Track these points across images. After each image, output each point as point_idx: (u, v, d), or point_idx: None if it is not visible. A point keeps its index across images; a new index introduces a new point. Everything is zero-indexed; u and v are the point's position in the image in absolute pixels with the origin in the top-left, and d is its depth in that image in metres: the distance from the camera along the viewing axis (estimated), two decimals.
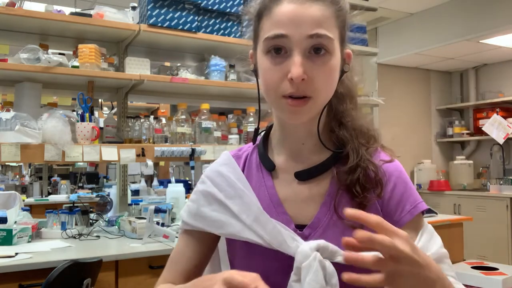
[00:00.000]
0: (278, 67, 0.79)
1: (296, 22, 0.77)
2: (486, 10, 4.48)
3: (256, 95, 0.93)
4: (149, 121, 2.66)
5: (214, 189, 0.91)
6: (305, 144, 0.89)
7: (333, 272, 0.76)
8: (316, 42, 0.77)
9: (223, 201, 0.88)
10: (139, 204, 2.68)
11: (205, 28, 2.73)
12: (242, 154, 0.97)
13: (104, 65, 2.53)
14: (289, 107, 0.79)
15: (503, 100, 5.38)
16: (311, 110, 0.81)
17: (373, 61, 3.65)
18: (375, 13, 4.41)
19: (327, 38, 0.78)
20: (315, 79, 0.78)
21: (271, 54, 0.80)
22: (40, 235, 2.27)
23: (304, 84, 0.77)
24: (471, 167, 5.62)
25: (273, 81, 0.80)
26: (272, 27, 0.79)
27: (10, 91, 2.89)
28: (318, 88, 0.78)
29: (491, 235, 4.81)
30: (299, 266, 0.76)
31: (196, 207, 0.92)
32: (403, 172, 0.89)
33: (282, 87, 0.79)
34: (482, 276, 2.51)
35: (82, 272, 1.75)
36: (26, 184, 5.40)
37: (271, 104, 0.84)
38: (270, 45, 0.79)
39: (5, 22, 2.38)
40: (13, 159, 2.15)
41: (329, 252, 0.77)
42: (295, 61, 0.76)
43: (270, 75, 0.80)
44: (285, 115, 0.82)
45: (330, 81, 0.81)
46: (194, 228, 0.91)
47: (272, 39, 0.78)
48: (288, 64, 0.77)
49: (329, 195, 0.85)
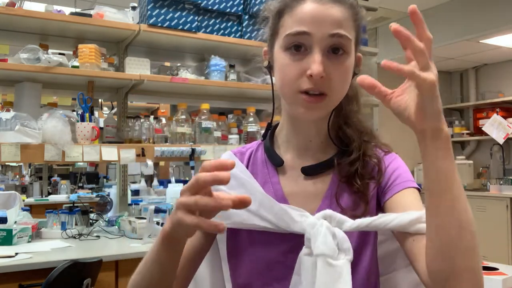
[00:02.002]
0: (297, 63, 0.81)
1: (319, 20, 0.80)
2: (486, 10, 4.48)
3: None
4: (149, 121, 2.66)
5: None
6: (312, 141, 0.91)
7: (344, 238, 0.77)
8: (336, 41, 0.80)
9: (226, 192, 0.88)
10: (139, 204, 2.68)
11: (205, 28, 2.73)
12: (246, 151, 0.98)
13: (104, 65, 2.53)
14: (305, 103, 0.81)
15: (503, 100, 5.38)
16: (325, 108, 0.84)
17: (373, 61, 3.65)
18: (375, 13, 4.41)
19: (346, 38, 0.81)
20: (332, 78, 0.80)
21: (291, 51, 0.82)
22: (40, 235, 2.27)
23: (321, 81, 0.79)
24: (471, 167, 5.62)
25: (291, 76, 0.81)
26: (294, 24, 0.81)
27: (10, 91, 2.89)
28: (334, 87, 0.81)
29: (491, 235, 4.81)
30: (309, 236, 0.77)
31: None
32: (398, 158, 0.92)
33: (299, 83, 0.81)
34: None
35: (82, 272, 1.75)
36: (26, 184, 5.40)
37: (286, 99, 0.86)
38: (291, 41, 0.81)
39: (5, 22, 2.38)
40: (13, 159, 2.15)
41: (337, 221, 0.78)
42: (316, 59, 0.79)
43: (289, 70, 0.82)
44: (300, 110, 0.84)
45: (345, 81, 0.84)
46: None
47: (294, 35, 0.81)
48: (307, 61, 0.80)
49: (330, 189, 0.88)
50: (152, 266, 0.78)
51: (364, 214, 0.83)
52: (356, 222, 0.77)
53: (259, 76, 2.87)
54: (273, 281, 0.85)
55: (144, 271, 0.79)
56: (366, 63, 3.77)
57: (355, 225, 0.77)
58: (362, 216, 0.80)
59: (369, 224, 0.77)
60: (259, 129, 2.79)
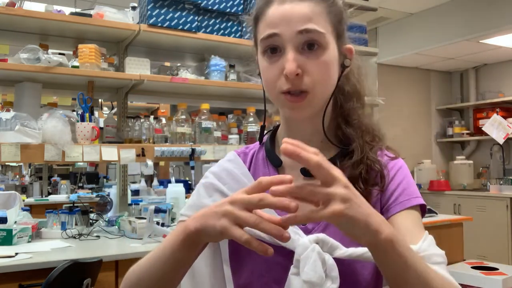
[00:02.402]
0: (274, 65, 0.82)
1: (286, 20, 0.80)
2: (486, 10, 4.48)
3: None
4: (149, 121, 2.66)
5: (216, 182, 0.92)
6: (311, 142, 0.88)
7: (333, 265, 0.76)
8: (307, 37, 0.80)
9: (226, 193, 0.89)
10: (139, 204, 2.68)
11: (205, 28, 2.73)
12: (249, 151, 0.99)
13: (104, 65, 2.53)
14: (288, 103, 0.82)
15: (503, 100, 5.38)
16: (310, 105, 0.83)
17: (373, 61, 3.65)
18: (375, 13, 4.41)
19: (317, 32, 0.80)
20: (309, 73, 0.80)
21: (267, 54, 0.83)
22: (40, 235, 2.27)
23: (299, 79, 0.80)
24: (471, 167, 5.62)
25: (270, 79, 0.83)
26: (266, 28, 0.83)
27: (10, 91, 2.89)
28: (313, 82, 0.81)
29: (491, 235, 4.81)
30: (298, 258, 0.77)
31: (196, 199, 0.93)
32: (404, 167, 0.90)
33: (279, 84, 0.82)
34: (482, 276, 2.51)
35: (82, 272, 1.75)
36: (26, 184, 5.40)
37: (273, 102, 0.87)
38: (265, 45, 0.83)
39: (5, 22, 2.38)
40: (13, 159, 2.15)
41: (329, 247, 0.78)
42: (288, 57, 0.79)
43: (268, 74, 0.84)
44: (286, 111, 0.85)
45: (326, 75, 0.82)
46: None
47: (266, 39, 0.82)
48: (282, 61, 0.81)
49: None
50: (165, 264, 0.76)
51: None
52: (348, 251, 0.77)
53: (259, 76, 2.86)
54: (272, 282, 0.84)
55: (152, 269, 0.77)
56: (366, 63, 3.78)
57: (347, 253, 0.77)
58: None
59: (362, 255, 0.76)
60: (259, 129, 2.78)
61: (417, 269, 0.69)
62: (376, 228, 0.65)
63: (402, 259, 0.68)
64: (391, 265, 0.68)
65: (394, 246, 0.67)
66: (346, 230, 0.65)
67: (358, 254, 0.77)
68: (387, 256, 0.67)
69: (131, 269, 0.82)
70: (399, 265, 0.68)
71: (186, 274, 0.83)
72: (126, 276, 0.82)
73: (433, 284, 0.70)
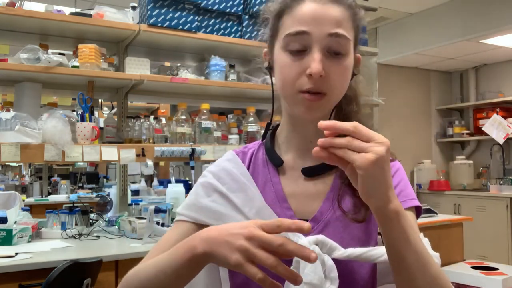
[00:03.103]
0: (297, 63, 0.81)
1: (318, 20, 0.80)
2: (486, 10, 4.48)
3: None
4: (149, 121, 2.66)
5: (215, 181, 0.91)
6: (313, 142, 0.89)
7: (332, 266, 0.77)
8: (335, 41, 0.81)
9: (225, 194, 0.89)
10: (139, 204, 2.68)
11: (205, 28, 2.73)
12: (247, 151, 0.98)
13: (104, 65, 2.53)
14: (306, 102, 0.82)
15: (503, 100, 5.38)
16: (325, 107, 0.84)
17: (373, 61, 3.65)
18: (375, 13, 4.42)
19: (345, 38, 0.81)
20: (331, 77, 0.81)
21: (290, 51, 0.82)
22: (40, 235, 2.27)
23: (321, 80, 0.80)
24: (471, 167, 5.62)
25: (291, 76, 0.82)
26: (294, 24, 0.82)
27: (10, 91, 2.89)
28: (333, 86, 0.82)
29: (491, 235, 4.81)
30: (298, 259, 0.77)
31: (194, 198, 0.92)
32: (401, 170, 0.91)
33: (299, 82, 0.81)
34: (482, 276, 2.51)
35: (82, 272, 1.75)
36: (26, 184, 5.40)
37: (286, 99, 0.86)
38: (291, 41, 0.82)
39: (5, 22, 2.38)
40: (13, 159, 2.15)
41: (328, 248, 0.78)
42: (315, 58, 0.79)
43: (289, 71, 0.82)
44: (300, 110, 0.84)
45: (344, 81, 0.84)
46: (189, 218, 0.89)
47: (294, 35, 0.81)
48: (307, 60, 0.80)
49: (332, 191, 0.87)
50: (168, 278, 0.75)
51: (365, 218, 0.83)
52: (347, 251, 0.77)
53: (259, 76, 2.87)
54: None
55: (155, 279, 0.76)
56: (366, 63, 3.79)
57: (346, 254, 0.77)
58: (362, 221, 0.82)
59: (360, 255, 0.77)
60: (259, 129, 2.79)
61: (417, 250, 0.71)
62: (390, 196, 0.68)
63: (404, 235, 0.70)
64: (394, 238, 0.70)
65: (399, 219, 0.69)
66: (367, 185, 0.67)
67: (357, 254, 0.77)
68: (392, 227, 0.69)
69: (131, 272, 0.81)
70: (400, 240, 0.70)
71: None
72: (126, 279, 0.81)
73: (431, 269, 0.72)
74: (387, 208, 0.68)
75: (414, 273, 0.71)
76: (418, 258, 0.71)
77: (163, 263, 0.76)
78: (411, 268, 0.71)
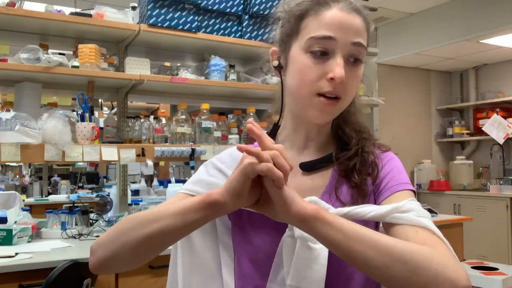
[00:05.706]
0: (318, 66, 0.84)
1: (344, 27, 0.84)
2: (486, 10, 4.48)
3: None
4: (149, 121, 2.66)
5: (217, 161, 0.96)
6: (313, 141, 0.94)
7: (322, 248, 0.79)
8: (356, 50, 0.85)
9: (223, 170, 0.93)
10: (139, 204, 2.68)
11: (205, 28, 2.73)
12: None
13: (104, 65, 2.53)
14: (322, 105, 0.85)
15: (503, 100, 5.38)
16: (337, 111, 0.88)
17: (373, 61, 3.65)
18: (375, 13, 4.41)
19: (363, 48, 0.86)
20: (348, 83, 0.85)
21: (313, 53, 0.84)
22: (40, 235, 2.27)
23: (341, 85, 0.83)
24: (471, 167, 5.62)
25: (311, 78, 0.84)
26: (320, 28, 0.84)
27: (10, 91, 2.89)
28: (348, 92, 0.86)
29: (491, 235, 4.81)
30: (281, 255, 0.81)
31: (196, 175, 0.96)
32: (395, 158, 0.93)
33: (318, 85, 0.84)
34: (482, 276, 2.51)
35: (82, 272, 1.75)
36: (26, 184, 5.40)
37: (299, 101, 0.88)
38: (316, 44, 0.84)
39: (5, 22, 2.38)
40: (13, 159, 2.15)
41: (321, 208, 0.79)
42: (339, 63, 0.83)
43: (309, 72, 0.84)
44: (313, 113, 0.87)
45: (356, 88, 0.89)
46: (191, 191, 0.91)
47: (319, 39, 0.84)
48: (329, 64, 0.83)
49: (330, 184, 0.90)
50: (175, 219, 0.75)
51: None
52: (336, 210, 0.79)
53: (259, 76, 2.87)
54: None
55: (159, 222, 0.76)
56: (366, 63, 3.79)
57: (335, 212, 0.78)
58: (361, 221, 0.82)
59: (348, 212, 0.78)
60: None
61: (364, 238, 0.70)
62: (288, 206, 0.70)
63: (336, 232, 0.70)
64: (325, 239, 0.71)
65: (316, 221, 0.70)
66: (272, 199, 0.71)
67: (346, 211, 0.78)
68: (314, 231, 0.71)
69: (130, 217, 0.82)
70: (334, 238, 0.70)
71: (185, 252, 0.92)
72: (126, 217, 0.83)
73: (381, 242, 0.70)
74: (289, 216, 0.71)
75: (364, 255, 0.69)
76: (366, 243, 0.69)
77: (172, 207, 0.76)
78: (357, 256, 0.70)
